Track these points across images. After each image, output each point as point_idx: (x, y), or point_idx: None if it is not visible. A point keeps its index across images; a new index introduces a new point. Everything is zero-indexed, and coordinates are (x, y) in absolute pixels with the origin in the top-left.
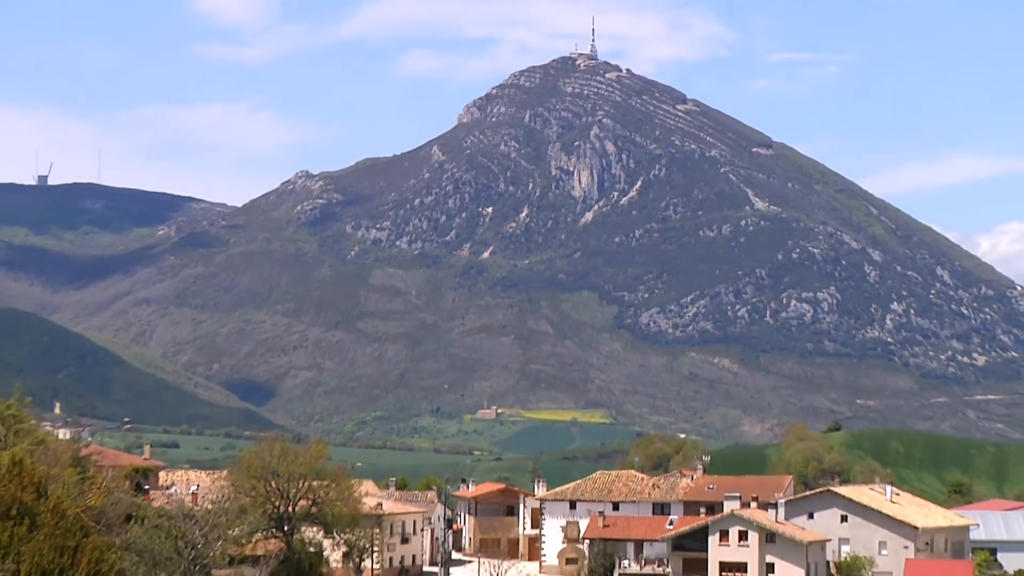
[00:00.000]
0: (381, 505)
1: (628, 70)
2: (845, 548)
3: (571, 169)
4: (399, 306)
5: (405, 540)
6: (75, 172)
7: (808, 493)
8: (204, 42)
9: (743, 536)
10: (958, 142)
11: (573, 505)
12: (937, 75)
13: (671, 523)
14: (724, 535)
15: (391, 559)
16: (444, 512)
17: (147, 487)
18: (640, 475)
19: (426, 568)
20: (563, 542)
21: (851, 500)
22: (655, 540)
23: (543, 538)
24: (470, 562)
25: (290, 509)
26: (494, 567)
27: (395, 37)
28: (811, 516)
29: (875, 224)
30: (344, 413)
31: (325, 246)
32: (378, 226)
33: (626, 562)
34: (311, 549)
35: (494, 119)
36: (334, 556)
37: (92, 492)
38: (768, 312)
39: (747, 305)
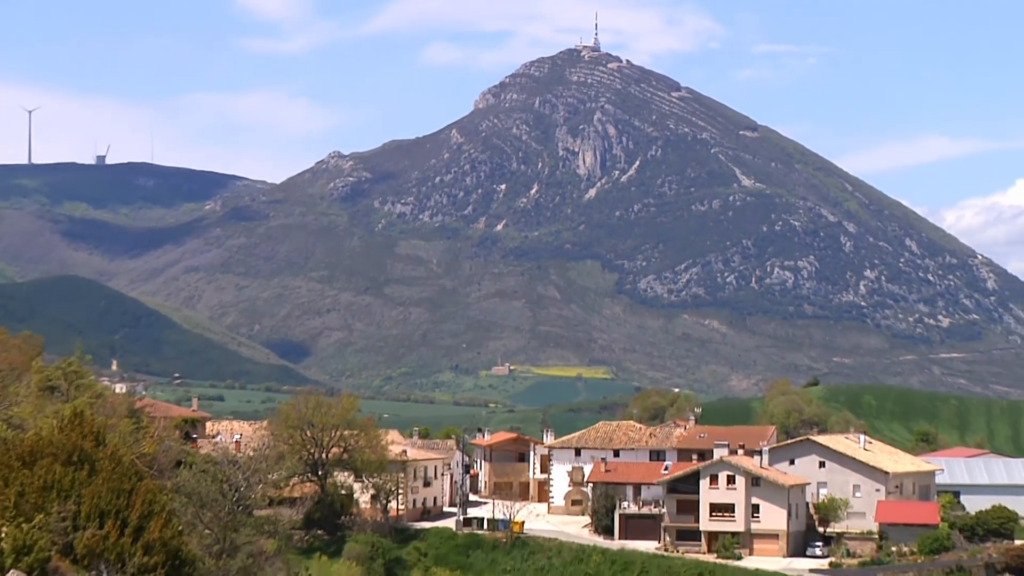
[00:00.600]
0: (406, 452)
1: (628, 61)
2: (823, 491)
3: (576, 150)
4: (421, 273)
5: (427, 483)
6: (130, 153)
7: (789, 441)
8: (246, 36)
9: (731, 480)
10: (926, 125)
11: (578, 452)
12: (906, 64)
13: (666, 468)
14: (714, 479)
15: (415, 501)
16: (462, 458)
17: (195, 436)
18: (638, 425)
19: (446, 509)
20: (569, 485)
21: (828, 448)
22: (652, 484)
23: (551, 482)
24: (485, 503)
25: (323, 456)
26: (507, 508)
27: (418, 31)
28: (792, 462)
29: (850, 199)
30: (372, 369)
31: (355, 219)
32: (403, 201)
33: (626, 503)
34: (343, 492)
35: (507, 105)
36: (363, 498)
37: (145, 440)
38: (753, 279)
39: (735, 272)
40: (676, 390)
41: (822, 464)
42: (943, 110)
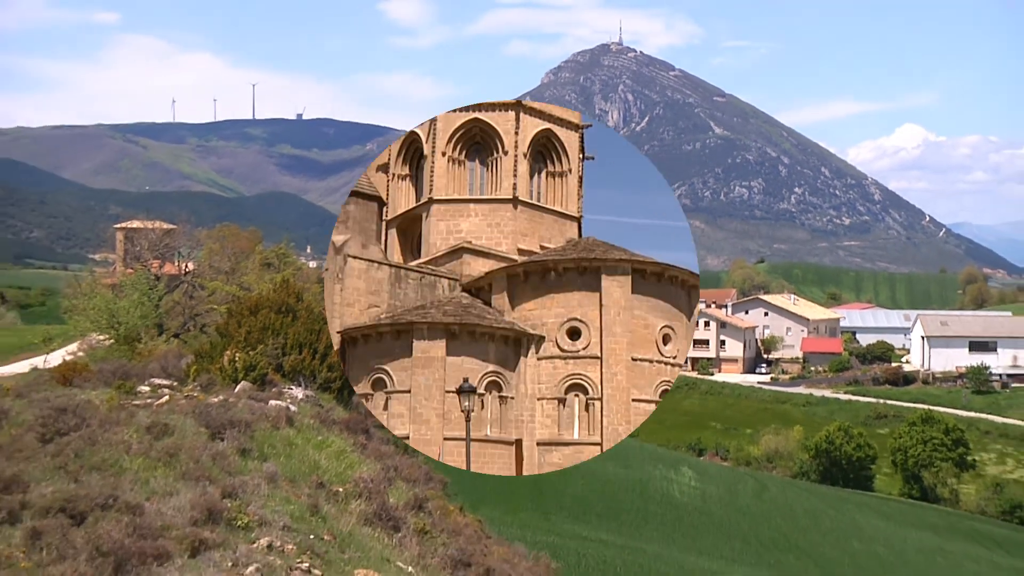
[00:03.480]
0: None
1: (640, 52)
2: (767, 331)
3: (607, 110)
4: None
5: None
6: (319, 111)
7: (745, 299)
8: (393, 36)
9: (707, 324)
10: (837, 92)
11: None
12: (824, 52)
13: None
14: (695, 324)
15: None
16: None
17: None
18: None
19: None
20: None
21: (770, 303)
22: None
23: None
24: None
25: None
26: None
27: (503, 32)
28: (747, 312)
29: (785, 142)
30: None
31: None
32: None
33: None
34: None
35: (562, 81)
36: None
37: None
38: (723, 194)
39: (710, 189)
40: None
41: (766, 314)
42: (848, 82)
